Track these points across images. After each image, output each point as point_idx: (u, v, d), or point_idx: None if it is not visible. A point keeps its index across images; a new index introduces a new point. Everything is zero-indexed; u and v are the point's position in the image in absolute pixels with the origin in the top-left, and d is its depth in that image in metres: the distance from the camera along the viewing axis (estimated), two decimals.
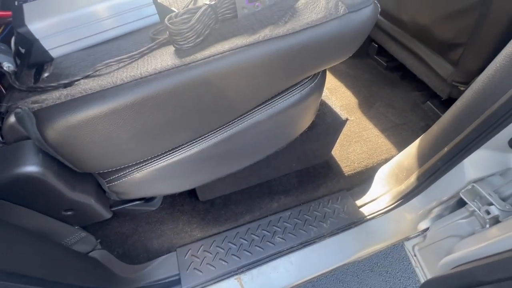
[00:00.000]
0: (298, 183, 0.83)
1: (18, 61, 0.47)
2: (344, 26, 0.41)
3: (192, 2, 0.51)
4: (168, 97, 0.37)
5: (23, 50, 0.44)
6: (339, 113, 0.70)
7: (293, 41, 0.40)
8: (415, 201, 0.69)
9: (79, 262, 0.52)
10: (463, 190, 0.58)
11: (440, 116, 0.59)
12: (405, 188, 0.69)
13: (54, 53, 0.44)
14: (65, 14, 0.42)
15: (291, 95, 0.49)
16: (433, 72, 0.91)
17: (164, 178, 0.52)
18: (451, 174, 0.58)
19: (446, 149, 0.55)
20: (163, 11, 0.50)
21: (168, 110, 0.39)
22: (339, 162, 0.88)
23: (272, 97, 0.49)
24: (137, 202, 0.56)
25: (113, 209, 0.54)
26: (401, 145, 0.93)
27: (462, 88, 0.85)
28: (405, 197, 0.70)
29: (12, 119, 0.36)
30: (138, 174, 0.49)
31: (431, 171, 0.61)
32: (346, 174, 0.85)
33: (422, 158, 0.64)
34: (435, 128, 0.60)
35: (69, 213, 0.47)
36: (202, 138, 0.48)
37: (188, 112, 0.41)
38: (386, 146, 0.93)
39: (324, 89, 0.61)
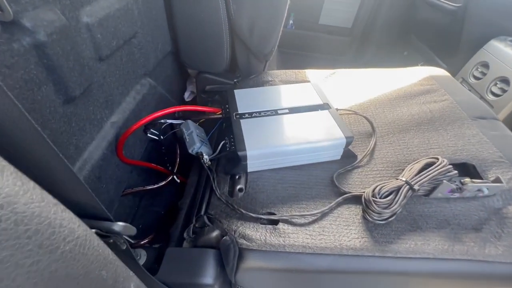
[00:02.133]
0: None
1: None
2: None
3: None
4: (353, 275, 0.38)
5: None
6: None
7: (502, 270, 0.36)
8: None
9: None
10: None
11: None
12: None
13: (250, 169, 0.50)
14: (277, 147, 0.48)
15: None
16: None
17: None
18: None
19: None
20: (346, 153, 0.53)
21: (342, 283, 0.39)
22: None
23: None
24: None
25: None
26: None
27: None
28: None
29: (214, 233, 0.42)
30: None
31: None
32: None
33: None
34: None
35: None
36: None
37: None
38: None
39: None
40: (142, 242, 0.59)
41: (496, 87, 1.03)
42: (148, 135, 0.61)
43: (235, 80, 0.81)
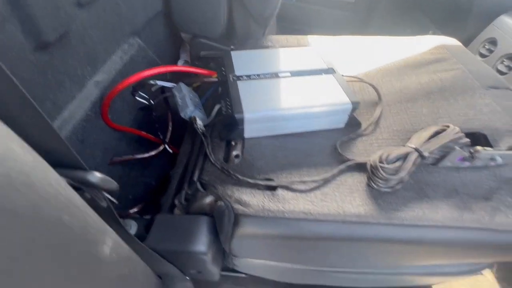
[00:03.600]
0: None
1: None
2: None
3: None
4: (357, 243, 0.36)
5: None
6: None
7: (509, 239, 0.34)
8: None
9: None
10: None
11: None
12: None
13: (247, 135, 0.47)
14: (277, 111, 0.44)
15: (455, 266, 0.44)
16: None
17: (281, 273, 0.51)
18: None
19: None
20: (350, 121, 0.49)
21: (345, 250, 0.37)
22: None
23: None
24: (242, 275, 0.57)
25: (222, 273, 0.55)
26: None
27: None
28: None
29: (208, 199, 0.39)
30: (263, 263, 0.49)
31: None
32: None
33: None
34: None
35: (194, 271, 0.49)
36: (343, 268, 0.46)
37: (361, 255, 0.39)
38: None
39: None
40: (131, 211, 0.56)
41: (503, 64, 1.00)
42: (137, 98, 0.56)
43: (232, 47, 0.75)
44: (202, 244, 0.39)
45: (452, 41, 0.67)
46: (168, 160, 0.70)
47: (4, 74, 0.15)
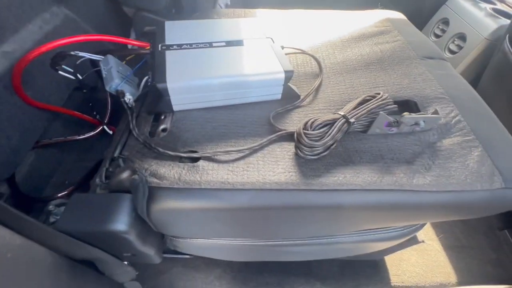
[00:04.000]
0: (339, 273, 0.76)
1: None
2: (493, 201, 0.35)
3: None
4: (279, 211, 0.35)
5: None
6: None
7: (429, 199, 0.35)
8: None
9: None
10: None
11: None
12: None
13: (176, 108, 0.44)
14: (204, 79, 0.41)
15: (385, 232, 0.45)
16: None
17: (224, 251, 0.50)
18: None
19: None
20: (287, 92, 0.48)
21: (271, 220, 0.36)
22: (388, 267, 0.80)
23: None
24: (187, 256, 0.55)
25: (164, 255, 0.53)
26: (462, 274, 0.81)
27: None
28: None
29: (125, 174, 0.36)
30: (203, 242, 0.48)
31: None
32: (392, 285, 0.77)
33: None
34: None
35: (128, 255, 0.47)
36: (279, 240, 0.45)
37: (287, 225, 0.38)
38: (445, 269, 0.82)
39: None
40: (59, 195, 0.51)
41: (454, 44, 1.03)
42: (60, 72, 0.51)
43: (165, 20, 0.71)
44: (121, 222, 0.36)
45: (397, 15, 0.67)
46: (110, 141, 0.65)
47: None
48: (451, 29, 1.04)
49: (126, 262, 0.53)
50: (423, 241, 0.64)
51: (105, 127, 0.60)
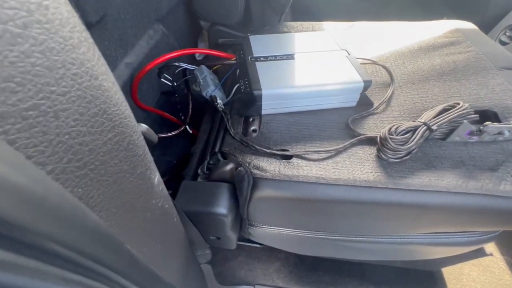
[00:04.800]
0: (393, 280, 0.76)
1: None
2: None
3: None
4: (367, 206, 0.39)
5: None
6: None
7: None
8: None
9: (195, 270, 0.59)
10: None
11: None
12: None
13: (264, 112, 0.50)
14: (292, 88, 0.47)
15: (455, 236, 0.46)
16: None
17: (294, 242, 0.55)
18: None
19: None
20: (362, 100, 0.52)
21: (355, 214, 0.40)
22: (446, 280, 0.78)
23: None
24: (257, 245, 0.61)
25: (238, 242, 0.59)
26: None
27: None
28: None
29: (229, 166, 0.43)
30: (277, 231, 0.53)
31: None
32: None
33: None
34: None
35: (214, 238, 0.54)
36: (352, 235, 0.49)
37: (368, 220, 0.42)
38: None
39: None
40: None
41: None
42: (162, 80, 0.61)
43: (248, 34, 0.79)
44: (223, 207, 0.43)
45: (467, 25, 0.67)
46: (187, 140, 0.74)
47: None
48: None
49: (208, 245, 0.60)
50: (491, 254, 0.63)
51: (187, 126, 0.69)
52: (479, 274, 0.80)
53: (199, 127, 0.63)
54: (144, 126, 0.26)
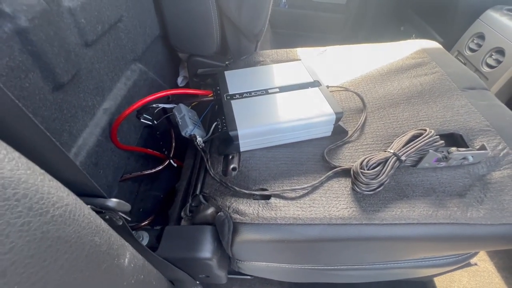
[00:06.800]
0: None
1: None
2: None
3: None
4: (343, 242, 0.40)
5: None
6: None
7: (483, 231, 0.38)
8: None
9: None
10: None
11: None
12: None
13: (242, 149, 0.51)
14: (267, 126, 0.49)
15: (440, 259, 0.47)
16: None
17: (283, 273, 0.56)
18: None
19: None
20: (336, 129, 0.53)
21: (334, 250, 0.41)
22: None
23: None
24: (248, 277, 0.61)
25: (230, 276, 0.60)
26: None
27: None
28: None
29: (210, 210, 0.44)
30: (265, 265, 0.54)
31: None
32: None
33: None
34: None
35: (203, 276, 0.54)
36: (337, 265, 0.50)
37: (348, 253, 0.43)
38: None
39: None
40: (142, 224, 0.61)
41: (491, 58, 1.02)
42: (142, 120, 0.61)
43: (226, 63, 0.80)
44: (207, 251, 0.44)
45: (432, 44, 0.71)
46: (173, 173, 0.75)
47: (29, 121, 0.19)
48: (488, 43, 1.04)
49: (198, 282, 0.60)
50: (476, 264, 0.64)
51: (171, 161, 0.70)
52: (470, 279, 0.81)
53: (183, 157, 0.64)
54: (114, 201, 0.26)
